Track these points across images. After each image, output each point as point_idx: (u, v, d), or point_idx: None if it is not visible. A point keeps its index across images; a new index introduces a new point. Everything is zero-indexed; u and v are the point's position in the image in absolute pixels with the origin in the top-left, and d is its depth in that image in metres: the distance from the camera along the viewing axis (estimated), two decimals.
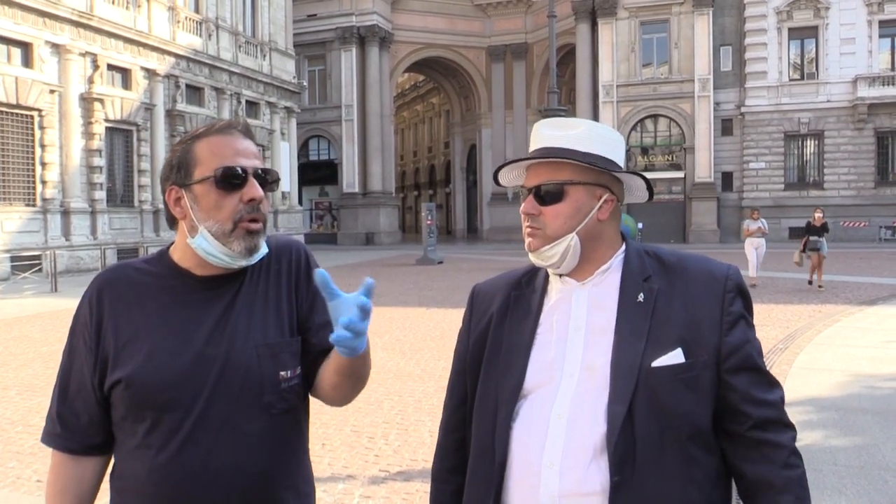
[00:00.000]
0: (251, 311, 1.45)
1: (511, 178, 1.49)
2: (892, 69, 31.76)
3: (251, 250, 1.42)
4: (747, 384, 1.30)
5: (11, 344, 9.61)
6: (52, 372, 7.67)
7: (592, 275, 1.38)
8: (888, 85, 31.15)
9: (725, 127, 33.45)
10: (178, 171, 1.43)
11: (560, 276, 1.40)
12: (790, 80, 32.78)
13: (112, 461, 1.50)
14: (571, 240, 1.35)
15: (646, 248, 1.42)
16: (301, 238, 31.68)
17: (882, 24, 31.57)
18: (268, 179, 1.45)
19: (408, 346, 8.75)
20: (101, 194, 22.94)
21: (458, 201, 49.42)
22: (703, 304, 1.32)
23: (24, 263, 19.20)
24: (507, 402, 1.35)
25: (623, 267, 1.38)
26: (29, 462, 4.91)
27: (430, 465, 5.11)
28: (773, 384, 1.34)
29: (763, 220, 15.87)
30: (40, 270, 19.33)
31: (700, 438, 1.28)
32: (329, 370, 1.44)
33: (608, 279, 1.38)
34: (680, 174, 33.16)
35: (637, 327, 1.30)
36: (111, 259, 21.57)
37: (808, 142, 32.87)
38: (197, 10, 27.85)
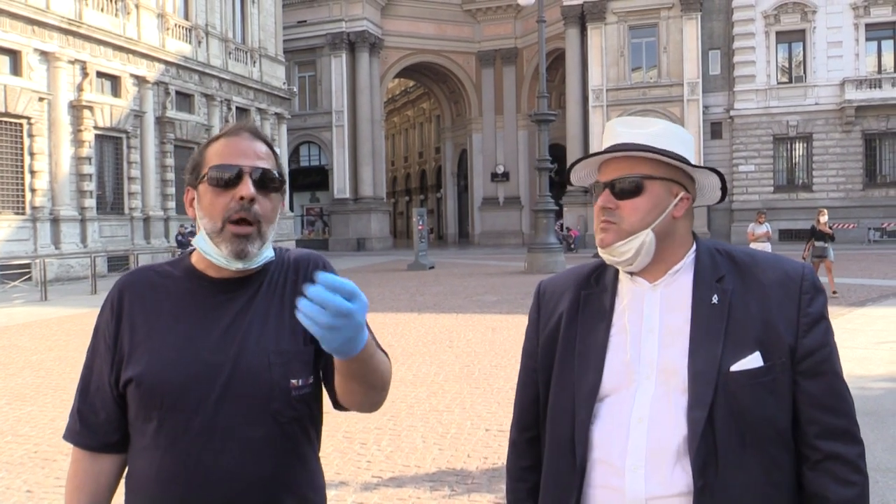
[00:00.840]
0: (265, 317, 1.44)
1: (581, 176, 1.47)
2: (879, 72, 32.02)
3: (239, 255, 1.40)
4: (820, 389, 1.27)
5: (1, 353, 9.54)
6: (41, 381, 7.65)
7: (664, 275, 1.35)
8: (875, 88, 31.40)
9: (715, 130, 33.63)
10: (192, 173, 1.47)
11: (631, 275, 1.38)
12: (778, 83, 33.00)
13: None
14: (647, 236, 1.32)
15: (717, 247, 1.39)
16: (292, 244, 31.65)
17: (868, 27, 31.84)
18: (265, 179, 1.43)
19: (399, 351, 8.74)
20: (90, 202, 22.85)
21: (450, 206, 49.43)
22: (779, 305, 1.29)
23: (13, 272, 19.08)
24: (586, 403, 1.33)
25: (695, 266, 1.35)
26: (19, 472, 4.87)
27: (422, 470, 5.11)
28: (847, 393, 1.31)
29: (767, 224, 15.07)
30: (30, 279, 19.21)
31: (781, 441, 1.27)
32: (338, 376, 1.40)
33: (680, 279, 1.35)
34: None
35: (713, 330, 1.28)
36: (101, 267, 21.47)
37: (797, 144, 33.08)
38: (186, 17, 27.82)
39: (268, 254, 1.48)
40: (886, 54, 32.14)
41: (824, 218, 14.18)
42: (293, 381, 1.41)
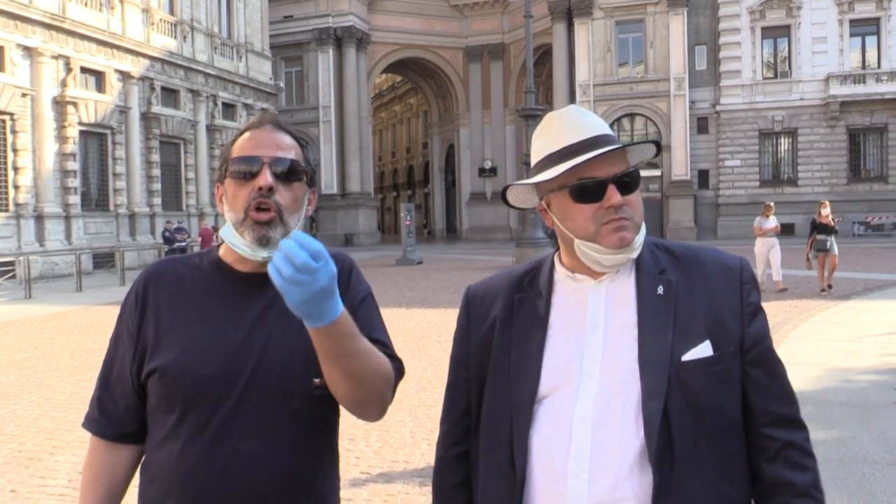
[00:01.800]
0: (290, 313, 1.38)
1: (523, 191, 1.41)
2: (863, 67, 32.25)
3: (261, 241, 1.39)
4: (766, 378, 1.28)
5: None
6: (26, 380, 7.58)
7: (608, 271, 1.32)
8: (859, 83, 31.63)
9: (701, 125, 33.77)
10: (220, 169, 1.48)
11: (573, 274, 1.34)
12: (764, 78, 33.17)
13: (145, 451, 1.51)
14: (644, 227, 1.32)
15: (654, 242, 1.37)
16: None
17: (853, 23, 32.06)
18: (285, 170, 1.42)
19: None
20: (75, 199, 22.66)
21: (437, 201, 49.42)
22: (723, 295, 1.29)
23: None
24: (523, 410, 1.27)
25: (637, 261, 1.32)
26: (3, 472, 4.82)
27: (411, 466, 5.09)
28: (787, 381, 1.31)
29: (774, 218, 13.86)
30: (14, 277, 19.03)
31: (733, 432, 1.25)
32: (318, 357, 1.33)
33: (623, 274, 1.32)
34: (657, 172, 33.39)
35: (661, 321, 1.25)
36: (87, 265, 21.31)
37: (782, 139, 33.30)
38: (171, 12, 27.62)
39: None
40: (870, 50, 32.36)
41: (826, 210, 13.25)
42: (316, 380, 1.40)
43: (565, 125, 1.32)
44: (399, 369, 1.50)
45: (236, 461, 1.37)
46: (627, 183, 1.28)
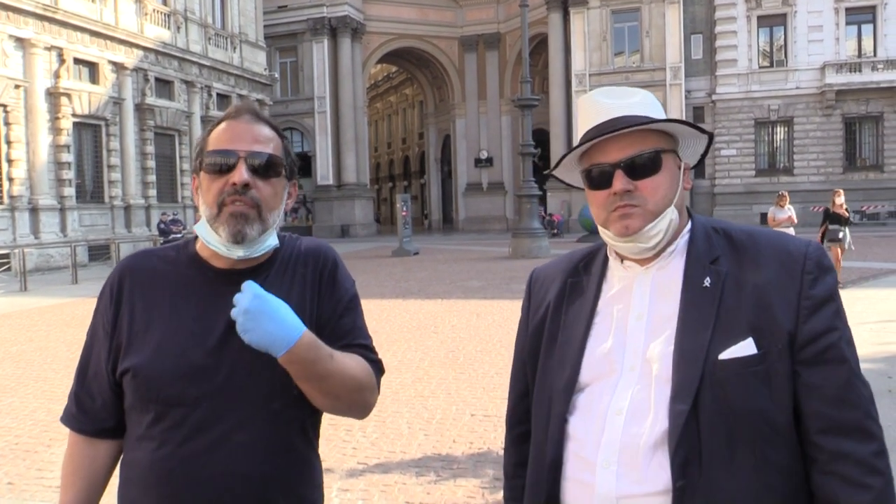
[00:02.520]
0: None
1: (569, 167, 1.35)
2: (859, 56, 32.23)
3: (236, 237, 1.35)
4: (824, 379, 1.14)
5: None
6: (22, 372, 7.57)
7: (657, 258, 1.25)
8: (855, 72, 31.63)
9: (697, 114, 33.74)
10: (196, 160, 1.43)
11: (622, 260, 1.29)
12: (760, 67, 33.14)
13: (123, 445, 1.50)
14: (672, 213, 1.23)
15: (714, 225, 1.28)
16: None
17: (848, 11, 32.03)
18: (262, 165, 1.37)
19: (384, 337, 8.74)
20: (70, 191, 22.58)
21: (434, 192, 49.36)
22: (777, 287, 1.17)
23: None
24: (562, 396, 1.25)
25: (688, 247, 1.25)
26: (0, 464, 4.83)
27: (407, 456, 5.11)
28: (860, 383, 1.16)
29: (791, 207, 12.66)
30: (9, 269, 18.98)
31: (778, 438, 1.14)
32: None
33: (674, 262, 1.25)
34: None
35: (703, 315, 1.17)
36: (82, 257, 21.26)
37: (778, 128, 33.31)
38: (165, 3, 27.45)
39: (271, 242, 1.43)
40: (866, 38, 32.34)
41: (840, 199, 12.39)
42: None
43: (587, 109, 1.29)
44: (379, 370, 1.50)
45: (214, 462, 1.35)
46: (640, 167, 1.21)
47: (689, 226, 1.28)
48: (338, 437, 5.09)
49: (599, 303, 1.30)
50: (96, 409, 1.46)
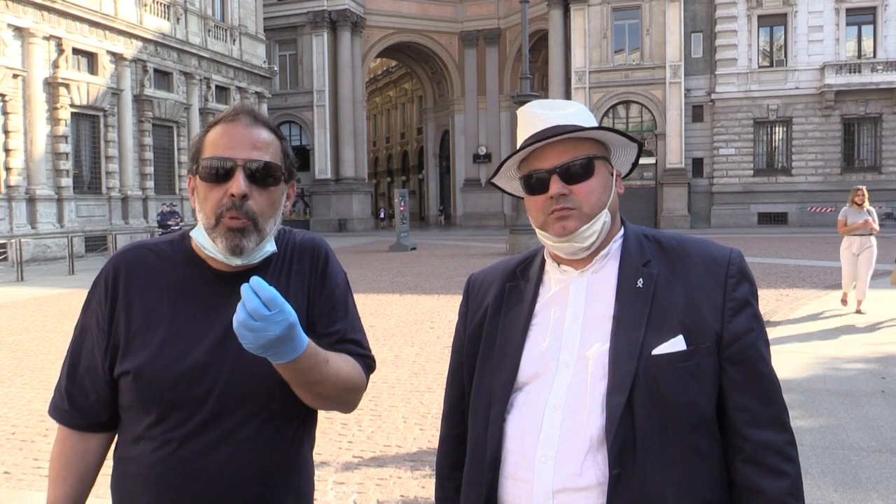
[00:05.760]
0: None
1: (508, 176, 1.41)
2: (859, 57, 32.26)
3: (233, 251, 1.34)
4: (744, 376, 1.24)
5: None
6: (19, 363, 7.58)
7: (592, 261, 1.32)
8: (854, 72, 31.66)
9: (696, 113, 33.78)
10: (193, 160, 1.40)
11: (559, 264, 1.35)
12: (759, 67, 33.16)
13: (116, 438, 1.48)
14: (605, 216, 1.30)
15: (644, 232, 1.37)
16: None
17: (849, 11, 32.05)
18: (260, 173, 1.35)
19: (381, 332, 8.75)
20: (67, 181, 22.54)
21: (431, 187, 49.35)
22: (704, 289, 1.26)
23: None
24: (501, 395, 1.30)
25: (622, 251, 1.33)
26: None
27: (403, 450, 5.11)
28: (775, 379, 1.27)
29: (871, 209, 10.03)
30: (6, 259, 18.96)
31: (704, 429, 1.22)
32: None
33: (607, 265, 1.32)
34: (651, 160, 33.45)
35: (636, 314, 1.25)
36: (79, 248, 21.25)
37: (777, 128, 33.34)
38: None
39: (268, 248, 1.42)
40: (866, 39, 32.37)
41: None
42: None
43: (524, 120, 1.35)
44: (369, 366, 1.52)
45: (214, 462, 1.35)
46: (574, 173, 1.28)
47: (621, 231, 1.37)
48: (333, 431, 5.11)
49: (537, 306, 1.35)
50: (90, 404, 1.44)
